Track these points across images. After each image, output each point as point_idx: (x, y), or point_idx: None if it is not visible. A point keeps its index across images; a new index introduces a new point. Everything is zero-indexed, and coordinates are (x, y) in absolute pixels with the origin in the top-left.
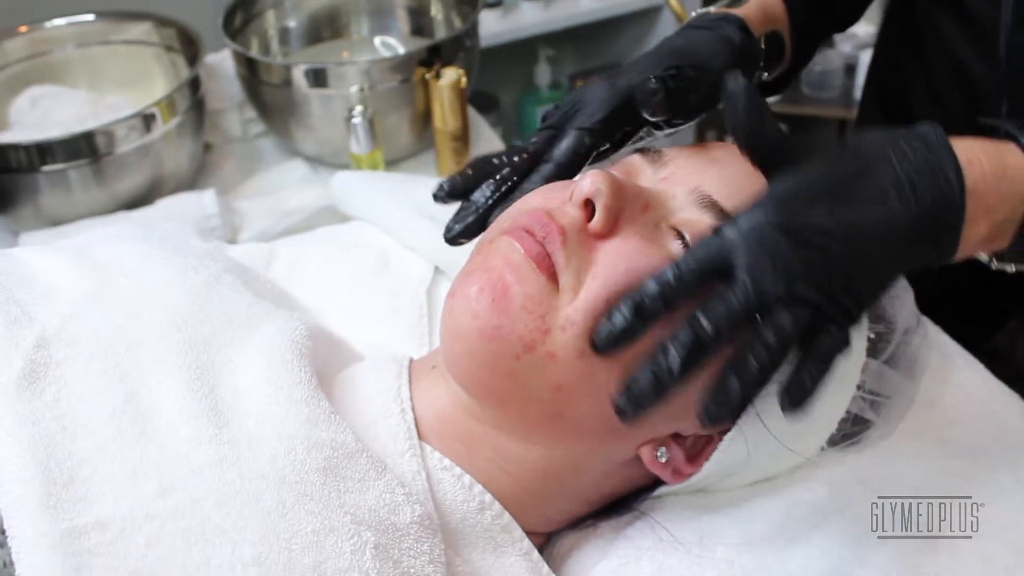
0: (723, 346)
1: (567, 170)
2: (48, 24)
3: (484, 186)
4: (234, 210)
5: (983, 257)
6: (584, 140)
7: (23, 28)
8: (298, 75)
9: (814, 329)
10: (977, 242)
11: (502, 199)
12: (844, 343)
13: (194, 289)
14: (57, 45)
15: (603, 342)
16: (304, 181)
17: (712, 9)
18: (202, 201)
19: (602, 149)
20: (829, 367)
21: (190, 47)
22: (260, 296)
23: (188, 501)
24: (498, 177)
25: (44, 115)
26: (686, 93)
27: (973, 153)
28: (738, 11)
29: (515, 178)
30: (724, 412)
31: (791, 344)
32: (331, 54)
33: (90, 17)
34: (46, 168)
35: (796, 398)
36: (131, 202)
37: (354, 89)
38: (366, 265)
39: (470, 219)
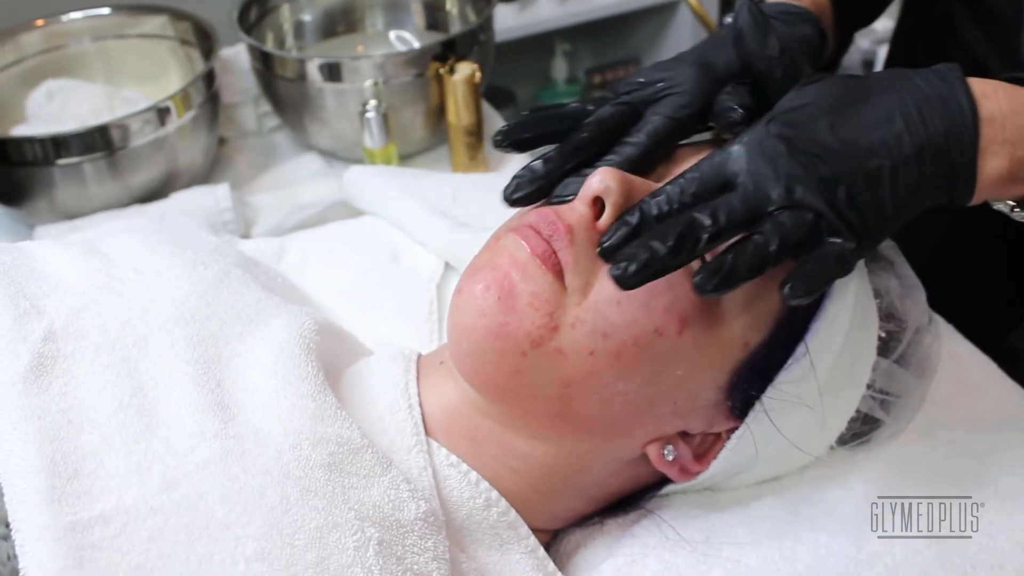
0: (717, 243)
1: (652, 156)
2: (64, 17)
3: (553, 152)
4: (248, 204)
5: (1005, 207)
6: (675, 132)
7: (39, 22)
8: (312, 69)
9: (817, 237)
10: (997, 179)
11: (573, 170)
12: (850, 255)
13: (203, 284)
14: (73, 39)
15: (609, 245)
16: (318, 175)
17: None
18: (216, 195)
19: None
20: (831, 272)
21: (205, 41)
22: (270, 291)
23: (192, 495)
24: (568, 145)
25: (61, 108)
26: (757, 111)
27: (991, 88)
28: (803, 3)
29: (589, 150)
30: (713, 281)
31: (791, 242)
32: (346, 48)
33: (106, 11)
34: (61, 161)
35: (796, 288)
36: (145, 196)
37: (368, 83)
38: (377, 260)
39: (536, 186)
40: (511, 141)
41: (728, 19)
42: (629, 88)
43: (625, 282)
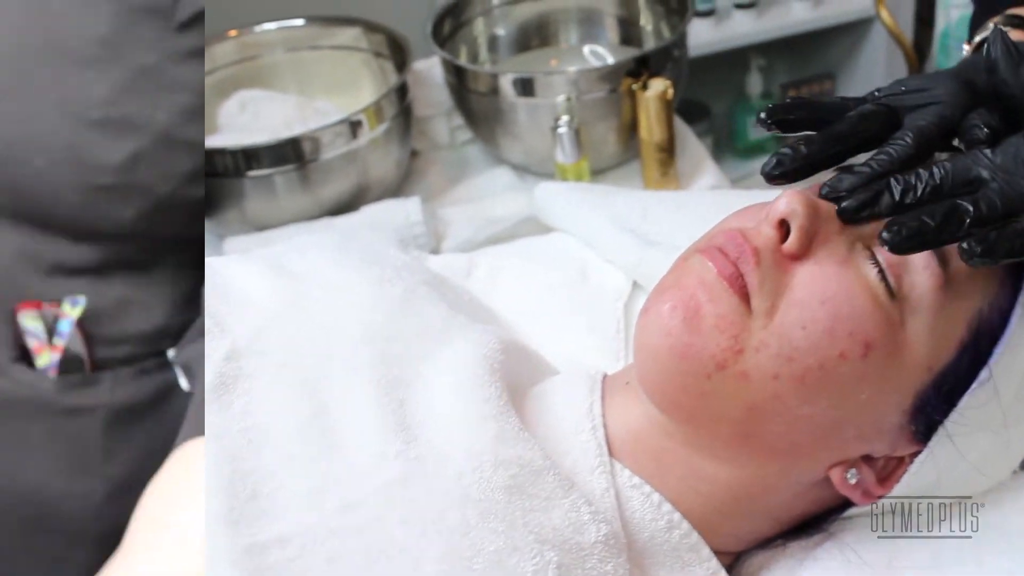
0: (977, 230)
1: (916, 159)
2: (257, 28)
3: (816, 137)
4: (439, 217)
5: None
6: (936, 139)
7: (233, 32)
8: (505, 84)
9: None
10: None
11: (832, 157)
12: None
13: (388, 302)
14: (266, 49)
15: (847, 205)
16: (510, 189)
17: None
18: (406, 209)
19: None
20: None
21: (399, 53)
22: (456, 308)
23: (371, 518)
24: (831, 132)
25: (253, 118)
26: (1004, 134)
27: None
28: None
29: (849, 141)
30: (980, 248)
31: None
32: (539, 62)
33: (300, 22)
34: (252, 173)
35: None
36: (336, 208)
37: (561, 99)
38: (565, 277)
39: (796, 165)
40: (775, 119)
41: (966, 48)
42: (890, 92)
43: (899, 245)
